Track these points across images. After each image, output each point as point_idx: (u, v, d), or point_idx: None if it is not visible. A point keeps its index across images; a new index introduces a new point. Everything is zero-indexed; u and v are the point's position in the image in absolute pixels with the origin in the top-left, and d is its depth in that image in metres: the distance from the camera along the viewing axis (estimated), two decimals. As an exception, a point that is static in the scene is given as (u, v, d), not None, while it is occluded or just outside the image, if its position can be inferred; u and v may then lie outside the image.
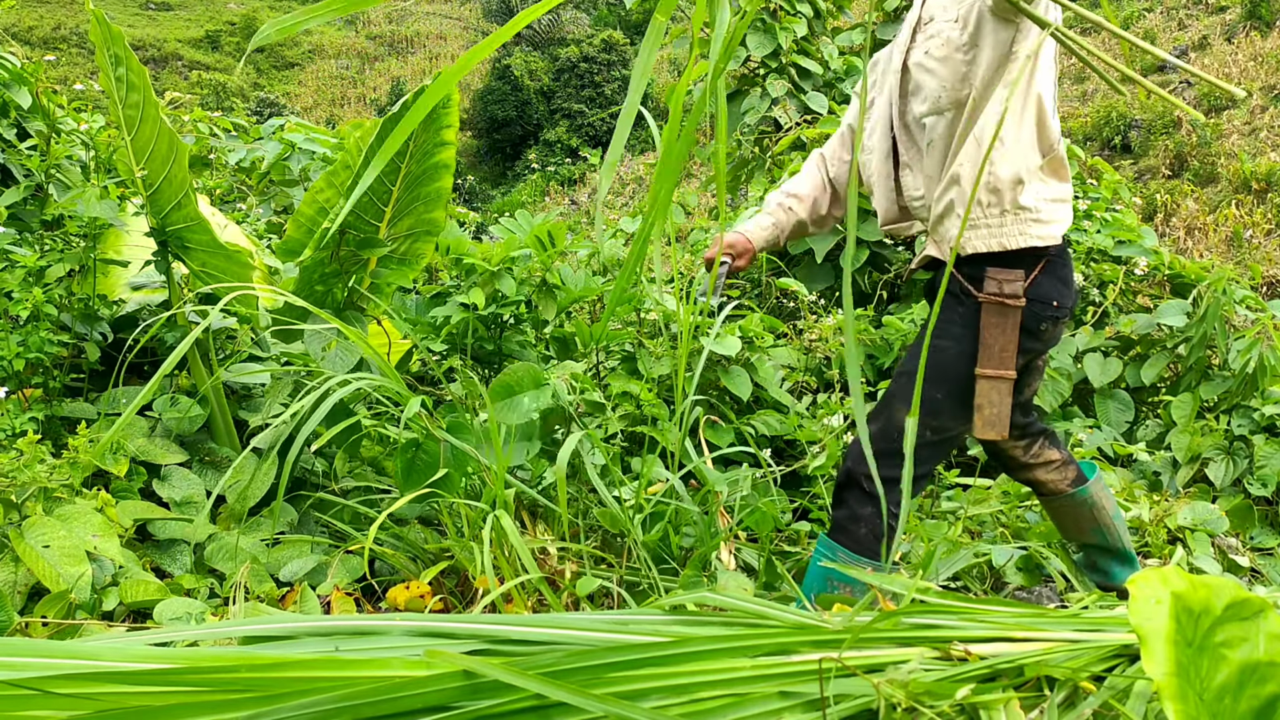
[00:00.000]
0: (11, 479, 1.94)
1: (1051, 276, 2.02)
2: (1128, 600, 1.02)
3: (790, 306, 4.67)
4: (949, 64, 1.96)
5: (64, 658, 1.04)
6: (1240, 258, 10.47)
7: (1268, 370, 3.50)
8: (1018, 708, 1.07)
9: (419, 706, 0.98)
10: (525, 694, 0.98)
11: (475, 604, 1.98)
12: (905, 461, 1.99)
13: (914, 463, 2.02)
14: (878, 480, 1.42)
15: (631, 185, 21.11)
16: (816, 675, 1.04)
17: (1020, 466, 2.27)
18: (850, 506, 2.05)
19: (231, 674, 1.03)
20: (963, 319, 2.03)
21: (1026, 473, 2.27)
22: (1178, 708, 0.90)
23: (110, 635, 1.82)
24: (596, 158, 8.43)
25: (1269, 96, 13.68)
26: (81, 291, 2.68)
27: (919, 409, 2.02)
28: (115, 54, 2.44)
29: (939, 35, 1.98)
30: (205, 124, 4.57)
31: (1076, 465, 2.28)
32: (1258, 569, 2.83)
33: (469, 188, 23.95)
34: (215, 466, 2.58)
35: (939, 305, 1.30)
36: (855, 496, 2.04)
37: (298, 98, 32.66)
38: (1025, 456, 2.25)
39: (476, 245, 3.13)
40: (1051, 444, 2.26)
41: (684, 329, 2.51)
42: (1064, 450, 2.28)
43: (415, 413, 2.10)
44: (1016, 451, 2.25)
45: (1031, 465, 2.25)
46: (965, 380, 2.00)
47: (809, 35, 6.37)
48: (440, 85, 1.08)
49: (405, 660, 1.06)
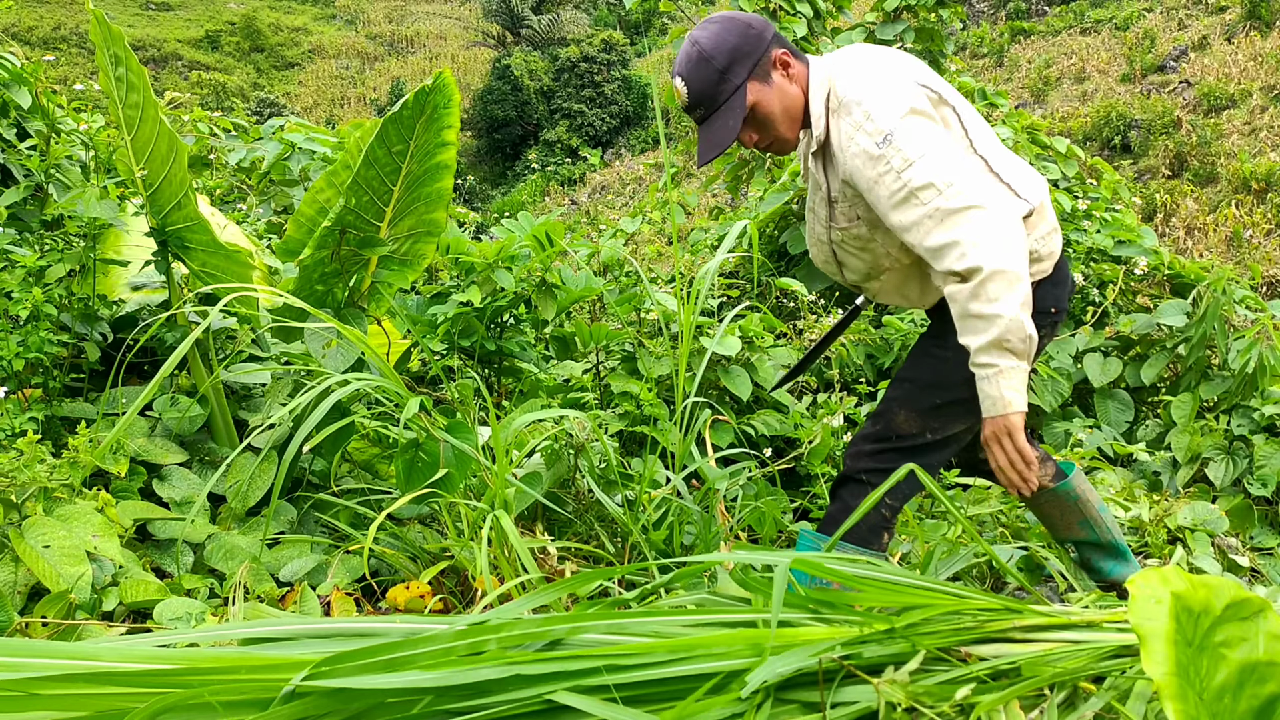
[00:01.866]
0: (11, 479, 1.94)
1: (1047, 284, 2.02)
2: (1128, 600, 1.02)
3: (790, 306, 4.67)
4: (868, 250, 2.01)
5: (64, 658, 1.04)
6: (1240, 258, 10.48)
7: (1267, 370, 3.50)
8: (1018, 708, 1.07)
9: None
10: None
11: (475, 604, 1.98)
12: (901, 459, 2.01)
13: (912, 460, 2.02)
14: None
15: (632, 185, 21.11)
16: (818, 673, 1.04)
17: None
18: (844, 500, 2.07)
19: (231, 675, 1.03)
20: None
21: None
22: (1178, 707, 0.90)
23: (110, 635, 1.82)
24: (596, 158, 8.44)
25: (1269, 96, 13.67)
26: (81, 291, 2.68)
27: (920, 412, 2.04)
28: (115, 54, 2.44)
29: (847, 230, 2.01)
30: (205, 124, 4.57)
31: (1054, 461, 2.29)
32: (1258, 569, 2.83)
33: (469, 188, 23.96)
34: (215, 466, 2.58)
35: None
36: (851, 491, 2.07)
37: (298, 98, 32.66)
38: None
39: (476, 245, 3.13)
40: (1030, 439, 2.28)
41: (684, 329, 2.51)
42: (1038, 448, 2.28)
43: (414, 413, 2.10)
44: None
45: None
46: (965, 386, 2.01)
47: (809, 35, 6.37)
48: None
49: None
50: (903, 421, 2.04)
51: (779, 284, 4.10)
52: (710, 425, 2.88)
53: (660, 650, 1.11)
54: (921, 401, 2.03)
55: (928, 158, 1.76)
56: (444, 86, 2.49)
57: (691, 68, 1.95)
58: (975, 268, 1.71)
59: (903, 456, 2.00)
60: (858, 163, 1.83)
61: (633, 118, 27.49)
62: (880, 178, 1.79)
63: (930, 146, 1.77)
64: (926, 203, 1.74)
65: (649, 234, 9.44)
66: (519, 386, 3.33)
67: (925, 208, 1.75)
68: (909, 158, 1.76)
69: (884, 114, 1.80)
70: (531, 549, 2.11)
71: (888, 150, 1.78)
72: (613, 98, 27.39)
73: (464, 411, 2.71)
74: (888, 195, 1.79)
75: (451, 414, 2.62)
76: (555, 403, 3.09)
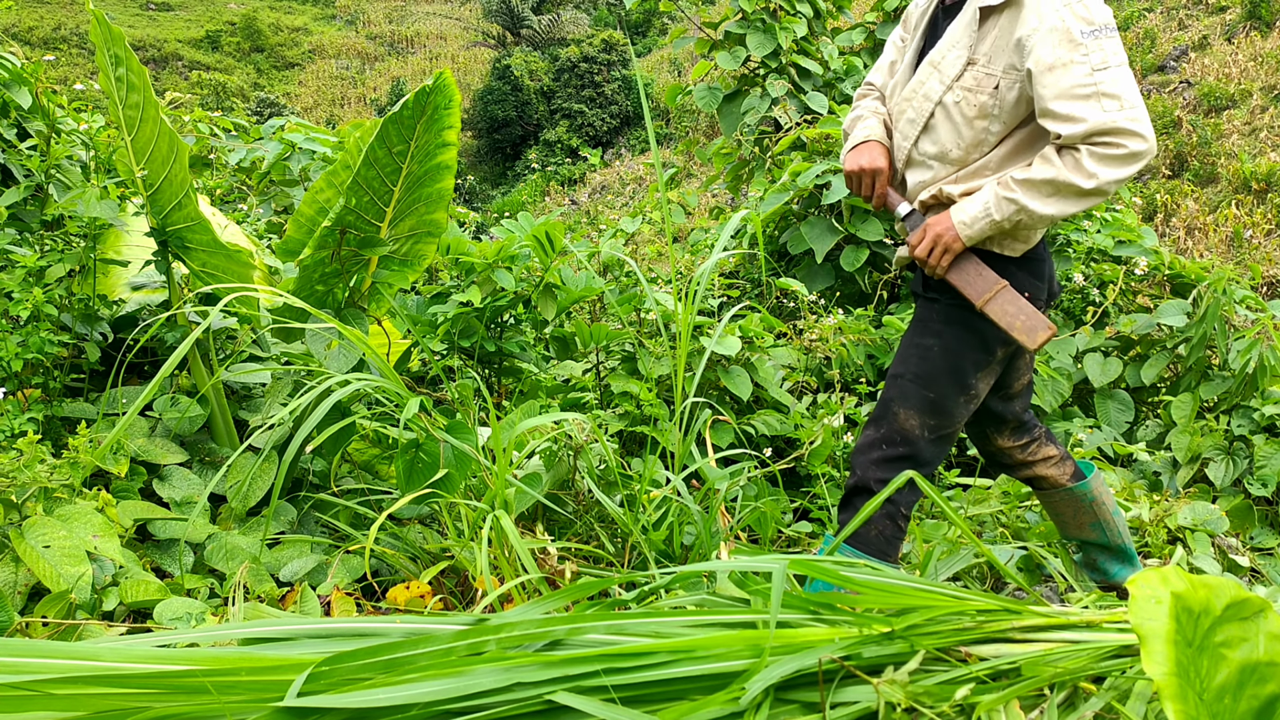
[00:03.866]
0: (11, 479, 1.94)
1: (1023, 270, 2.02)
2: (1128, 600, 1.02)
3: (790, 306, 4.68)
4: (971, 126, 1.97)
5: (64, 658, 1.04)
6: (1240, 258, 10.48)
7: (1268, 370, 3.50)
8: (1017, 708, 1.07)
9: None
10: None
11: (475, 604, 1.98)
12: (907, 463, 2.00)
13: (918, 463, 2.03)
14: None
15: (632, 185, 21.11)
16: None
17: (1019, 465, 2.28)
18: (859, 509, 2.04)
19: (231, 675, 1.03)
20: (941, 315, 2.05)
21: (1026, 470, 2.28)
22: (1178, 708, 0.90)
23: (110, 635, 1.82)
24: (596, 157, 8.44)
25: (1269, 96, 13.67)
26: (81, 291, 2.68)
27: (919, 411, 2.03)
28: (115, 54, 2.44)
29: (972, 90, 1.96)
30: (205, 124, 4.57)
31: (1074, 461, 2.29)
32: (1258, 569, 2.83)
33: (469, 188, 23.96)
34: (215, 466, 2.58)
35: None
36: (865, 500, 2.04)
37: (298, 98, 32.66)
38: (1023, 455, 2.25)
39: (476, 245, 3.13)
40: (1049, 441, 2.28)
41: (684, 329, 2.51)
42: (1060, 446, 2.30)
43: (414, 414, 2.10)
44: (1014, 451, 2.26)
45: (1031, 463, 2.26)
46: (955, 374, 2.01)
47: (809, 35, 6.37)
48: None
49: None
50: (904, 420, 2.04)
51: (779, 284, 4.10)
52: (710, 425, 2.88)
53: (660, 651, 1.11)
54: (917, 396, 2.04)
55: (1124, 70, 1.81)
56: (444, 87, 2.49)
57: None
58: (1094, 179, 1.79)
59: (909, 459, 2.01)
60: (1052, 38, 1.82)
61: (633, 118, 27.50)
62: (1069, 64, 1.80)
63: (1124, 62, 1.83)
64: (1107, 110, 1.79)
65: (649, 234, 9.44)
66: (519, 387, 3.33)
67: (1104, 115, 1.78)
68: (1108, 61, 1.80)
69: (1098, 9, 1.84)
70: (531, 549, 2.11)
71: (1090, 43, 1.80)
72: (613, 98, 27.38)
73: (464, 412, 2.71)
74: (1070, 83, 1.80)
75: (451, 414, 2.62)
76: (555, 403, 3.09)
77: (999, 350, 2.05)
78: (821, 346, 3.77)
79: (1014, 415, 2.23)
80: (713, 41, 6.30)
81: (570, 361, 3.71)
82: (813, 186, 4.57)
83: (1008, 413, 2.22)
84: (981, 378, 2.06)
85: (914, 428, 2.04)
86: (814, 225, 4.56)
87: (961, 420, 2.07)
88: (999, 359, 2.06)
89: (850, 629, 1.17)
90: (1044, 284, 2.06)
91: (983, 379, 2.06)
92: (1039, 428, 2.27)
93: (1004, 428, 2.24)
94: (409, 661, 1.10)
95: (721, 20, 6.31)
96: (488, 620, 1.21)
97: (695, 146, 7.42)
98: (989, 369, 2.06)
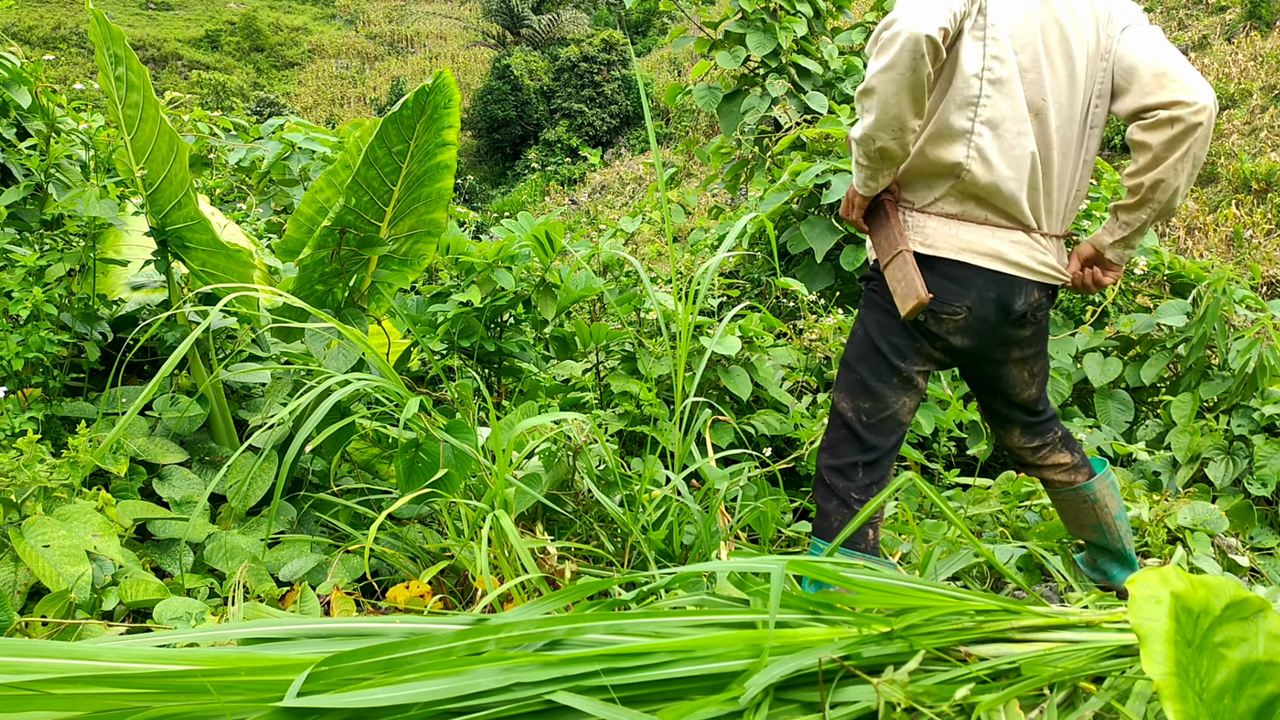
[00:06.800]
0: (11, 479, 1.94)
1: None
2: (1128, 600, 1.02)
3: (790, 306, 4.68)
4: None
5: (64, 658, 1.04)
6: (1240, 258, 10.48)
7: (1267, 370, 3.50)
8: (1017, 708, 1.07)
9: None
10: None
11: (475, 604, 1.98)
12: (845, 446, 2.03)
13: (862, 450, 2.05)
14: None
15: (632, 185, 21.11)
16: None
17: (1029, 465, 2.29)
18: (817, 502, 2.11)
19: (231, 675, 1.03)
20: (865, 298, 2.10)
21: (1035, 471, 2.30)
22: (1177, 707, 0.90)
23: (110, 635, 1.82)
24: (596, 157, 8.43)
25: (1269, 96, 13.67)
26: (81, 291, 2.68)
27: (849, 394, 2.06)
28: (115, 53, 2.44)
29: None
30: (205, 123, 4.57)
31: (1089, 469, 2.27)
32: (1258, 569, 2.83)
33: (469, 188, 23.95)
34: (215, 466, 2.58)
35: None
36: (820, 492, 2.10)
37: (298, 97, 32.65)
38: (1034, 458, 2.26)
39: (476, 245, 3.13)
40: (1065, 447, 2.25)
41: (684, 329, 2.51)
42: (1079, 454, 2.27)
43: (414, 413, 2.10)
44: (1025, 452, 2.28)
45: (1040, 465, 2.26)
46: (876, 355, 2.03)
47: (809, 35, 6.37)
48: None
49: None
50: (839, 403, 2.09)
51: (779, 284, 4.10)
52: (710, 425, 2.88)
53: (660, 651, 1.11)
54: (845, 379, 2.09)
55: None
56: (444, 86, 2.49)
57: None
58: (867, 79, 1.80)
59: (847, 443, 2.06)
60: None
61: (632, 117, 27.48)
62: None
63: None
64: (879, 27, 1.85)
65: (649, 234, 9.44)
66: (519, 386, 3.33)
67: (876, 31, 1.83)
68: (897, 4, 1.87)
69: None
70: (531, 549, 2.11)
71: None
72: (612, 97, 27.37)
73: (464, 412, 2.71)
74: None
75: (451, 414, 2.62)
76: (555, 403, 3.09)
77: (919, 332, 2.00)
78: (821, 346, 3.77)
79: (1020, 420, 2.23)
80: (712, 41, 6.30)
81: (570, 361, 3.71)
82: (812, 186, 4.57)
83: (1013, 417, 2.23)
84: (911, 360, 2.02)
85: (846, 410, 2.07)
86: (814, 225, 4.56)
87: (896, 403, 2.05)
88: (926, 341, 2.01)
89: (850, 629, 1.17)
90: (956, 297, 1.93)
91: (912, 361, 2.02)
92: (1054, 433, 2.26)
93: (1012, 429, 2.25)
94: (409, 661, 1.10)
95: (721, 20, 6.31)
96: (487, 620, 1.21)
97: (695, 146, 7.42)
98: (916, 351, 2.02)
